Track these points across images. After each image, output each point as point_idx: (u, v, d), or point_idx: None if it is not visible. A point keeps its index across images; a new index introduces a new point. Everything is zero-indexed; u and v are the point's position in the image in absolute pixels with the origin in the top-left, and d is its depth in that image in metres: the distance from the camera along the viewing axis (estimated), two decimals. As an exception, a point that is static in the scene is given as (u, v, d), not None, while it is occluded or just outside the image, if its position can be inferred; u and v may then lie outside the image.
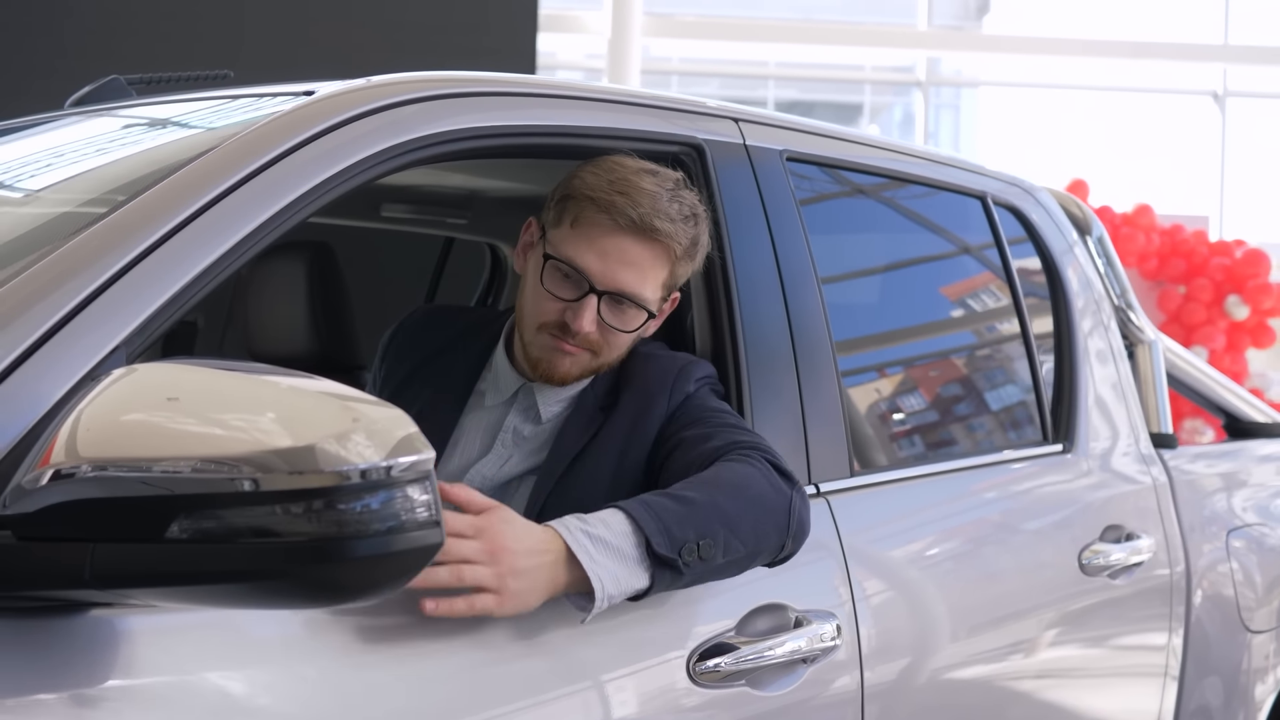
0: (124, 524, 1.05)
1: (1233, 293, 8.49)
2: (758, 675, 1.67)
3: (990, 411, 2.51)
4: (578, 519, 1.47)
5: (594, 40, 10.21)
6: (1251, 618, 2.78)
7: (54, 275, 1.24)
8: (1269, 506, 2.99)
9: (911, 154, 2.40)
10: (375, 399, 1.11)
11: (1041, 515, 2.34)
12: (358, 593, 1.08)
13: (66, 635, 1.14)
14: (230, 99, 1.78)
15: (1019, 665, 2.15)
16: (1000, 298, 2.52)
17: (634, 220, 1.72)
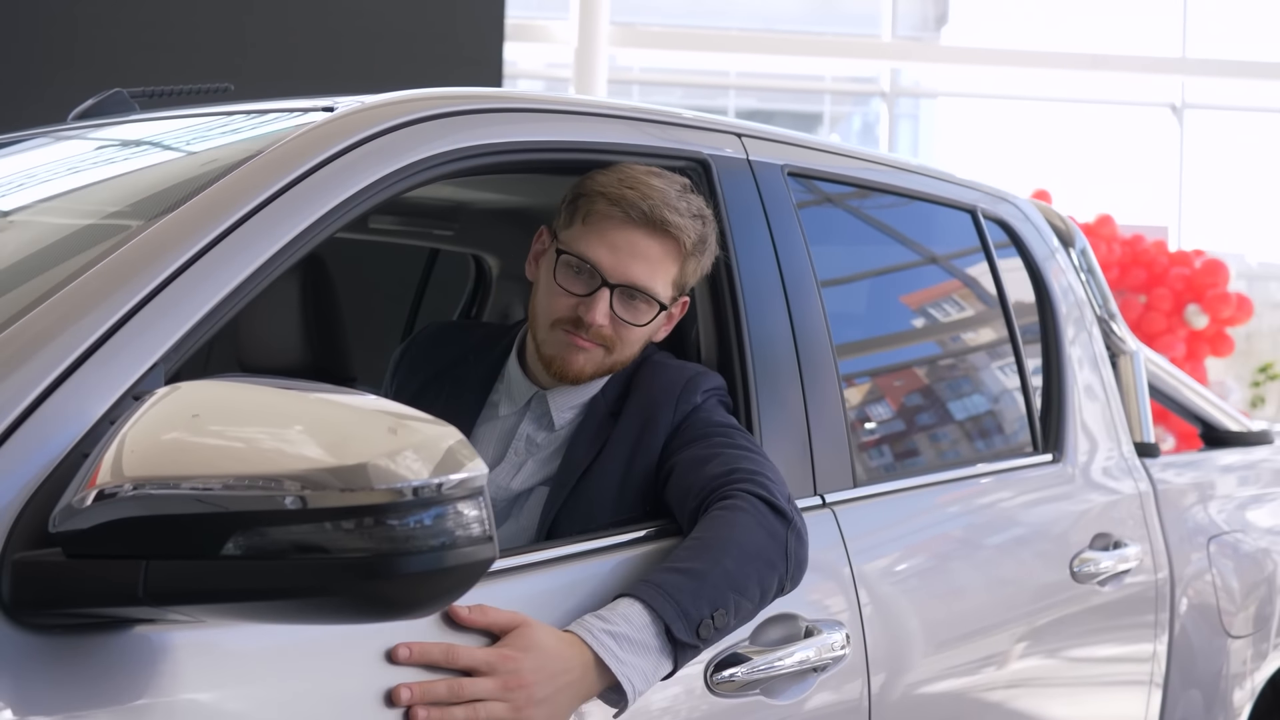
0: (177, 541, 1.06)
1: (1192, 302, 8.60)
2: (771, 684, 1.70)
3: (983, 421, 2.55)
4: (599, 620, 1.48)
5: (560, 50, 10.23)
6: (1232, 623, 2.82)
7: (92, 292, 1.25)
8: (1245, 514, 3.04)
9: (906, 168, 2.43)
10: (426, 415, 1.12)
11: (1035, 524, 2.37)
12: (410, 608, 1.09)
13: (112, 652, 1.15)
14: (245, 114, 1.78)
15: (1017, 670, 2.19)
16: (991, 309, 2.56)
17: (645, 212, 1.76)
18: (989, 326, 2.59)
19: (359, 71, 6.08)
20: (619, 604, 1.50)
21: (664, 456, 1.77)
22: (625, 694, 1.46)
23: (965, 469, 2.35)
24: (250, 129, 1.70)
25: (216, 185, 1.38)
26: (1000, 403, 2.57)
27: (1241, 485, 3.13)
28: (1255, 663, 2.91)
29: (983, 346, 2.60)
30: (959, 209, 2.54)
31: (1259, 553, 2.98)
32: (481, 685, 1.35)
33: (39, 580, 1.10)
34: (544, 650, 1.40)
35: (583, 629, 1.46)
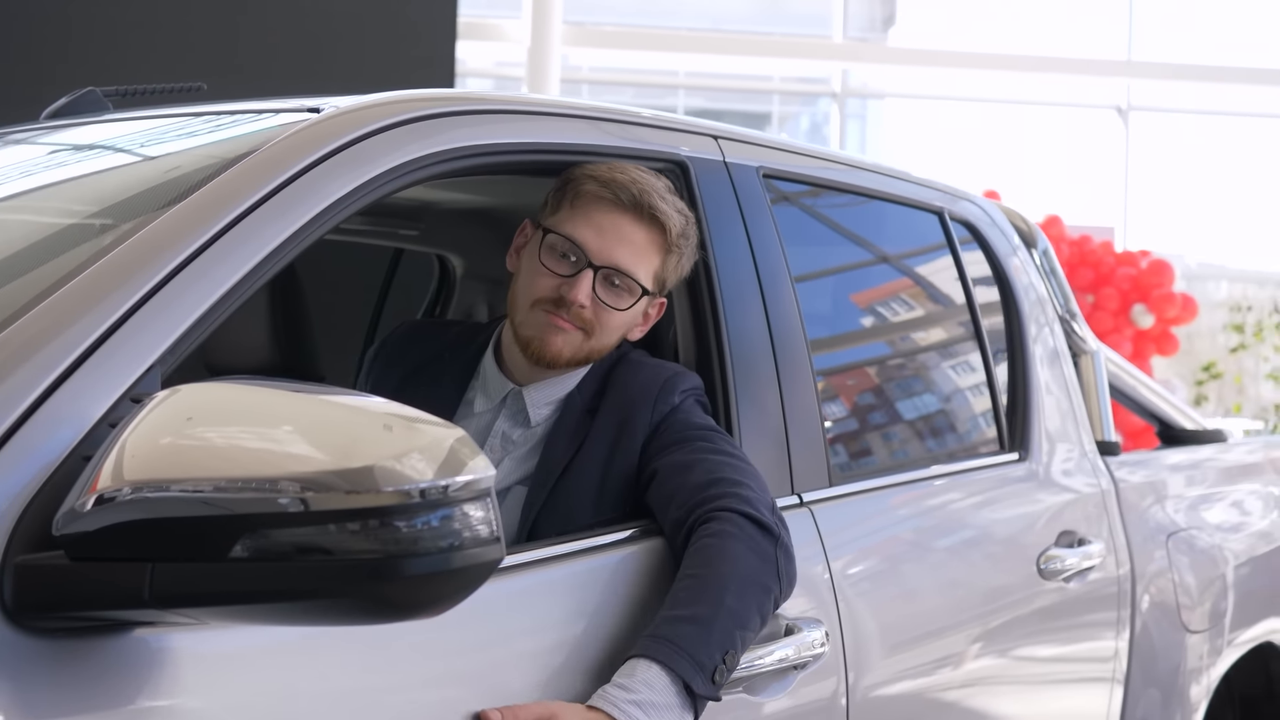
0: (184, 544, 1.06)
1: (1138, 302, 8.71)
2: (753, 682, 1.71)
3: (952, 420, 2.58)
4: (622, 690, 1.50)
5: (512, 49, 10.22)
6: (1190, 618, 2.87)
7: (88, 294, 1.24)
8: (1201, 511, 3.09)
9: (877, 171, 2.46)
10: (432, 417, 1.12)
11: (1004, 522, 2.41)
12: (418, 609, 1.10)
13: (113, 654, 1.14)
14: (229, 114, 1.78)
15: (988, 666, 2.22)
16: (958, 310, 2.59)
17: (633, 196, 1.79)
18: (956, 327, 2.62)
19: (308, 70, 6.04)
20: (636, 669, 1.51)
21: (644, 458, 1.78)
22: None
23: (935, 468, 2.38)
24: (236, 129, 1.70)
25: (209, 186, 1.38)
26: (968, 402, 2.60)
27: (1197, 483, 3.19)
28: (1211, 658, 2.96)
29: (951, 346, 2.63)
30: (927, 210, 2.57)
31: (1213, 549, 3.03)
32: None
33: (41, 583, 1.09)
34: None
35: (608, 704, 1.48)
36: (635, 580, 1.65)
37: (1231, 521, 3.18)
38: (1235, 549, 3.11)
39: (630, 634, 1.59)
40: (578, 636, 1.56)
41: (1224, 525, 3.14)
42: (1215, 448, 3.43)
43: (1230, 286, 12.25)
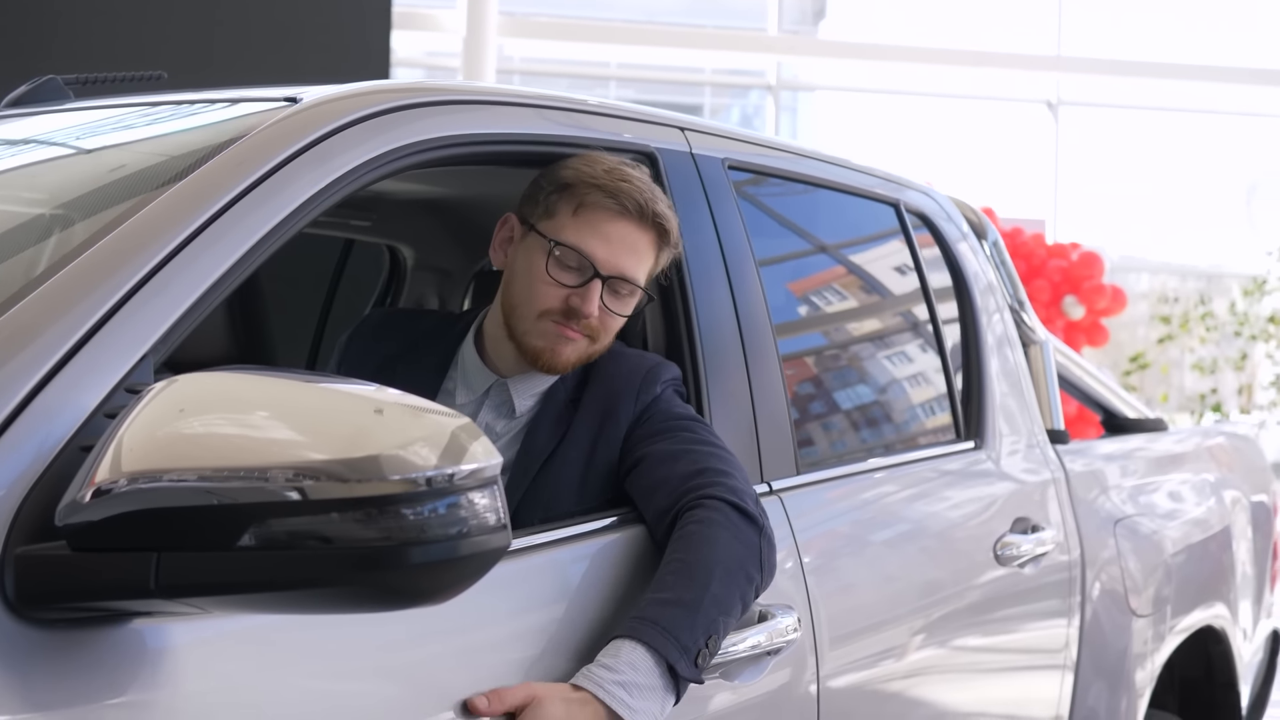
0: (190, 533, 1.06)
1: (1069, 293, 8.84)
2: (730, 668, 1.73)
3: (911, 409, 2.61)
4: (606, 671, 1.51)
5: (448, 39, 10.17)
6: (1136, 603, 2.93)
7: (80, 284, 1.24)
8: (1145, 497, 3.16)
9: (836, 163, 2.48)
10: (439, 406, 1.13)
11: (963, 509, 2.44)
12: (425, 597, 1.10)
13: (115, 645, 1.14)
14: (204, 103, 1.76)
15: (951, 649, 2.26)
16: (914, 300, 2.62)
17: (639, 205, 1.79)
18: (913, 316, 2.65)
19: (242, 59, 5.99)
20: (621, 649, 1.53)
21: (626, 447, 1.79)
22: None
23: (897, 456, 2.41)
24: (211, 118, 1.68)
25: (196, 174, 1.37)
26: (926, 391, 2.63)
27: (1141, 470, 3.25)
28: (1155, 644, 3.02)
29: (908, 336, 2.66)
30: (883, 202, 2.61)
31: (1156, 535, 3.09)
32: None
33: (43, 574, 1.09)
34: (558, 714, 1.45)
35: (592, 683, 1.49)
36: (616, 566, 1.67)
37: (1172, 508, 3.25)
38: (1176, 535, 3.18)
39: (611, 618, 1.61)
40: (559, 620, 1.57)
41: (1167, 512, 3.21)
42: (1159, 436, 3.51)
43: (1151, 279, 12.47)
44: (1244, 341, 10.60)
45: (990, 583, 2.39)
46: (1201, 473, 3.47)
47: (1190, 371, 10.93)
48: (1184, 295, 11.08)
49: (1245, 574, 3.56)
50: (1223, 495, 3.48)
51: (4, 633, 1.08)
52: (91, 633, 1.13)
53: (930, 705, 2.21)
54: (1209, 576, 3.32)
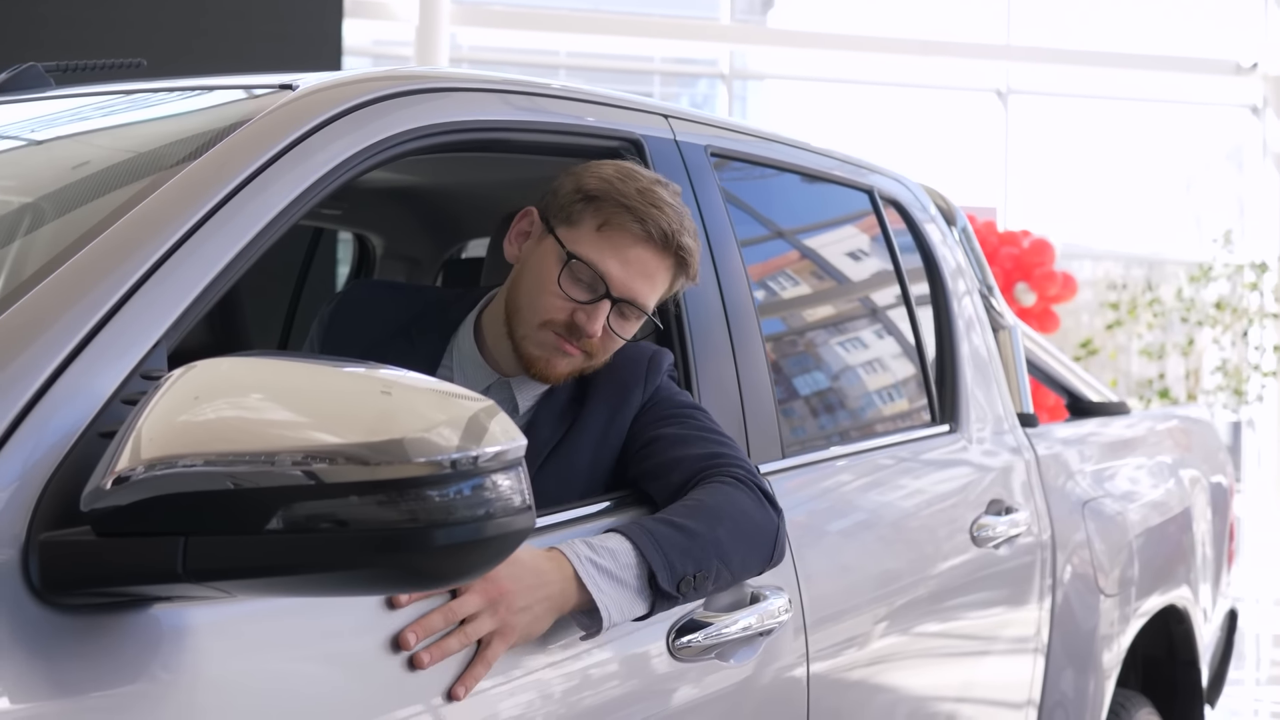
0: (218, 518, 1.06)
1: (1021, 280, 8.93)
2: (725, 648, 1.75)
3: (888, 394, 2.64)
4: (586, 546, 1.52)
5: (401, 28, 10.12)
6: (1104, 582, 2.98)
7: (92, 271, 1.23)
8: (1110, 479, 3.21)
9: (812, 150, 2.51)
10: (462, 390, 1.14)
11: (942, 492, 2.48)
12: (449, 578, 1.11)
13: (139, 629, 1.14)
14: (198, 90, 1.76)
15: (931, 630, 2.29)
16: (889, 285, 2.66)
17: (665, 233, 1.76)
18: (888, 302, 2.68)
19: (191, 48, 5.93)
20: (609, 538, 1.54)
21: (633, 432, 1.80)
22: (600, 619, 1.50)
23: (876, 439, 2.44)
24: (207, 104, 1.68)
25: (202, 160, 1.37)
26: (902, 376, 2.67)
27: (1106, 453, 3.30)
28: (1121, 625, 3.07)
29: (884, 321, 2.69)
30: (858, 189, 2.64)
31: (1120, 516, 3.14)
32: (467, 602, 1.39)
33: (68, 560, 1.09)
34: (520, 562, 1.44)
35: (568, 549, 1.50)
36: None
37: (1135, 490, 3.31)
38: (1139, 516, 3.23)
39: None
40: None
41: (1130, 494, 3.26)
42: (1119, 420, 3.56)
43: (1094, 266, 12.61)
44: (1190, 327, 10.76)
45: (967, 564, 2.43)
46: (1163, 455, 3.53)
47: (1138, 357, 11.08)
48: (1128, 282, 11.23)
49: (1205, 555, 3.63)
50: (1183, 477, 3.55)
51: (30, 618, 1.08)
52: (115, 618, 1.13)
53: (910, 686, 2.25)
54: (1171, 557, 3.38)
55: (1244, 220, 11.90)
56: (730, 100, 11.79)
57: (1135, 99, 12.18)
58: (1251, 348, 10.80)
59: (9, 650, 1.06)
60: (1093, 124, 12.28)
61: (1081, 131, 12.29)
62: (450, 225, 3.36)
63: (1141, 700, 3.28)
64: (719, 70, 12.08)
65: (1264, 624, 7.75)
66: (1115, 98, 12.10)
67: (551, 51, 14.22)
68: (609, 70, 15.40)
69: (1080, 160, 12.31)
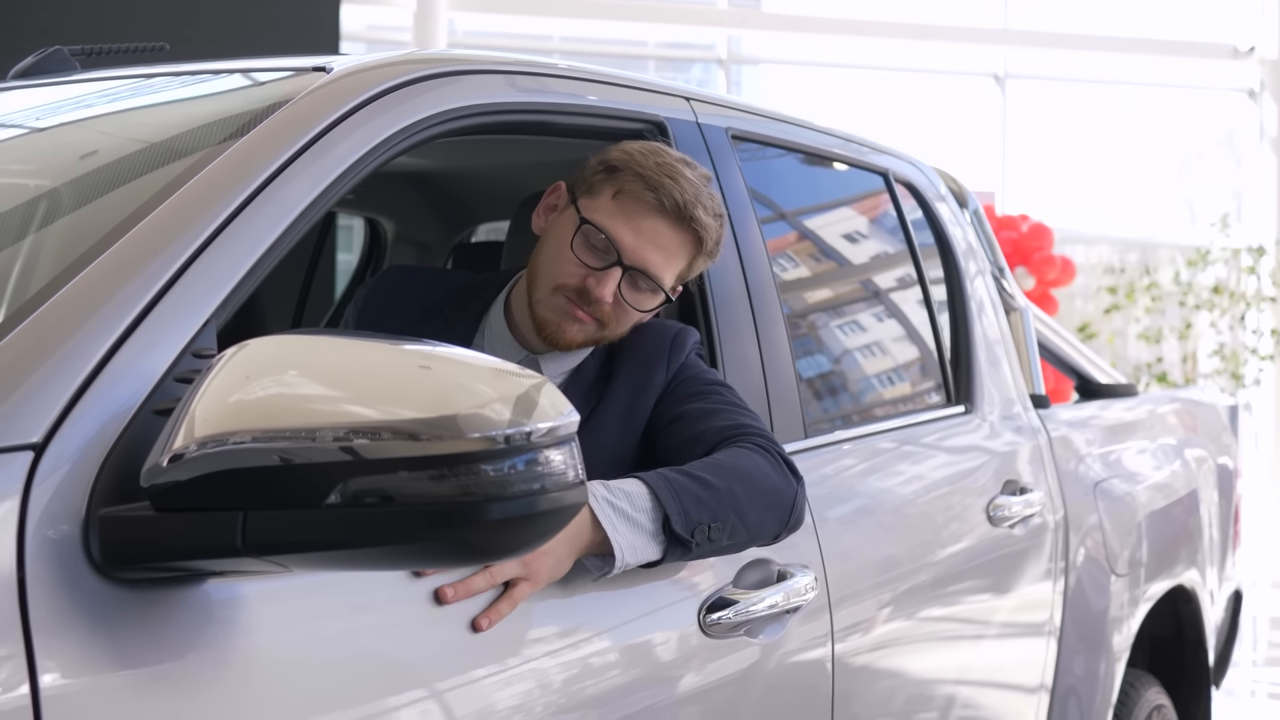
0: (275, 493, 1.08)
1: (1020, 264, 8.94)
2: (753, 625, 1.77)
3: (906, 375, 2.66)
4: (603, 487, 1.54)
5: (398, 13, 10.10)
6: (1115, 563, 3.00)
7: (143, 251, 1.25)
8: (1120, 460, 3.23)
9: (829, 133, 2.52)
10: (515, 366, 1.15)
11: (959, 471, 2.50)
12: (502, 552, 1.13)
13: (196, 603, 1.16)
14: (229, 73, 1.77)
15: (949, 608, 2.31)
16: (904, 267, 2.67)
17: (678, 204, 1.78)
18: (904, 284, 2.70)
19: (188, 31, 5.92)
20: (626, 482, 1.56)
21: (659, 410, 1.82)
22: (614, 558, 1.52)
23: (895, 419, 2.46)
24: (239, 85, 1.69)
25: (245, 140, 1.39)
26: (918, 357, 2.69)
27: (1116, 435, 3.32)
28: (1131, 607, 3.10)
29: (899, 303, 2.71)
30: (873, 171, 2.65)
31: (1130, 497, 3.17)
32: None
33: (128, 535, 1.10)
34: None
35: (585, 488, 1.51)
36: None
37: (1144, 472, 3.33)
38: (1148, 497, 3.25)
39: (658, 574, 1.64)
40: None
41: (1140, 475, 3.28)
42: (1128, 401, 3.58)
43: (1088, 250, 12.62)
44: (1188, 311, 10.78)
45: (985, 543, 2.44)
46: (1169, 436, 3.55)
47: (1135, 341, 11.10)
48: (1125, 267, 11.25)
49: (1211, 536, 3.65)
50: (1189, 459, 3.57)
51: (92, 593, 1.10)
52: (172, 592, 1.15)
53: (932, 668, 2.27)
54: (1179, 538, 3.40)
55: (1240, 204, 11.93)
56: (727, 86, 11.78)
57: (1132, 83, 12.19)
58: (1249, 331, 10.83)
59: (71, 623, 1.08)
60: (1090, 108, 12.28)
61: (1078, 116, 12.29)
62: (461, 210, 3.38)
63: (1150, 680, 3.31)
64: (715, 55, 12.07)
65: (1262, 606, 7.79)
66: (1112, 82, 12.10)
67: (546, 36, 14.20)
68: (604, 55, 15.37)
69: (1075, 145, 12.31)
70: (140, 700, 1.10)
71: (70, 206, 1.44)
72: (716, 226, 1.84)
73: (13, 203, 1.58)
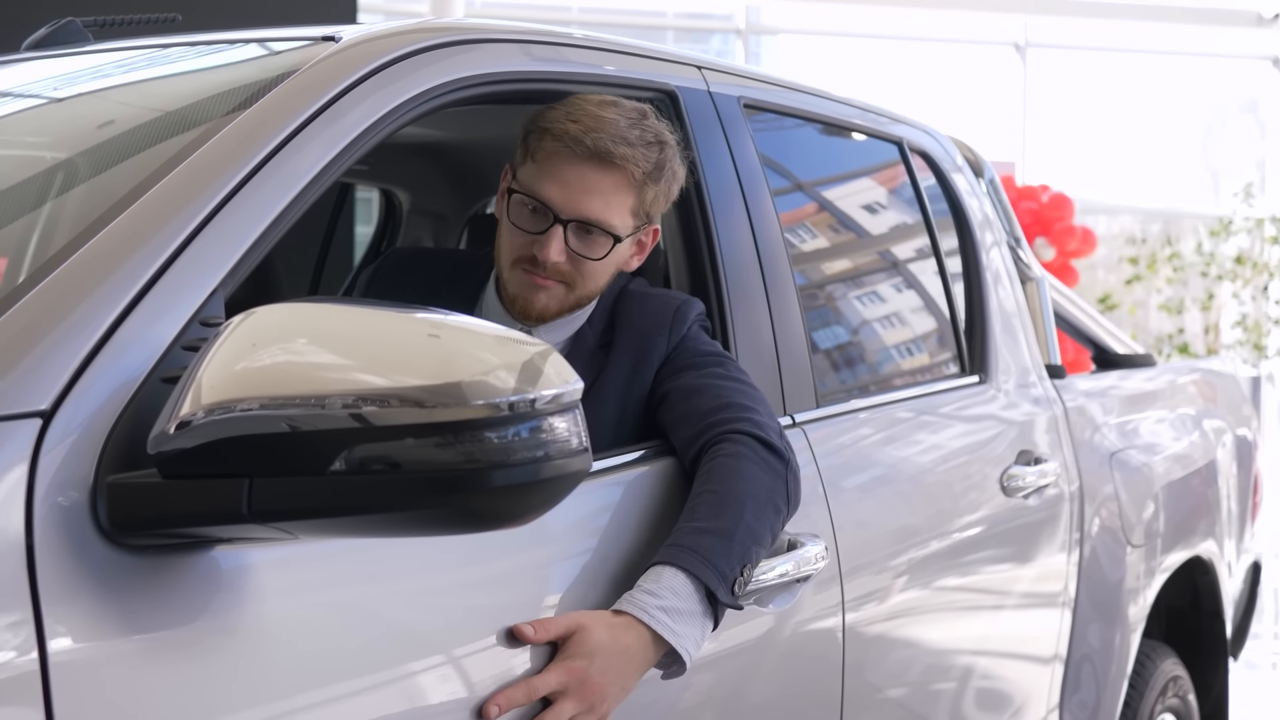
0: (281, 460, 1.08)
1: (1040, 235, 8.91)
2: (764, 594, 1.78)
3: (920, 345, 2.66)
4: (649, 596, 1.54)
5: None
6: (1131, 533, 3.00)
7: (151, 219, 1.25)
8: (1136, 430, 3.22)
9: (843, 102, 2.51)
10: (519, 334, 1.15)
11: (972, 442, 2.50)
12: (509, 519, 1.13)
13: (203, 569, 1.17)
14: (239, 42, 1.77)
15: (962, 577, 2.31)
16: (919, 236, 2.66)
17: (589, 147, 1.75)
18: (918, 253, 2.69)
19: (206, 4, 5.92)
20: (663, 575, 1.56)
21: (656, 382, 1.82)
22: (683, 662, 1.54)
23: (908, 389, 2.46)
24: (249, 56, 1.69)
25: (253, 110, 1.39)
26: (932, 327, 2.68)
27: (1132, 405, 3.31)
28: (1147, 578, 3.09)
29: (913, 272, 2.70)
30: (887, 140, 2.64)
31: (1146, 467, 3.16)
32: (563, 709, 1.43)
33: (136, 502, 1.11)
34: (605, 649, 1.47)
35: (636, 609, 1.52)
36: (651, 495, 1.70)
37: (1161, 442, 3.32)
38: (1165, 468, 3.24)
39: (647, 546, 1.64)
40: (596, 549, 1.60)
41: (1156, 445, 3.27)
42: (1145, 371, 3.57)
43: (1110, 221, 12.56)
44: (1210, 282, 10.73)
45: (999, 514, 2.44)
46: (1187, 407, 3.54)
47: (1157, 312, 11.06)
48: (1146, 237, 11.19)
49: (1230, 507, 3.64)
50: (1208, 429, 3.55)
51: (101, 559, 1.10)
52: (179, 558, 1.16)
53: (945, 637, 2.27)
54: (1196, 509, 3.39)
55: (1264, 174, 11.83)
56: (745, 56, 11.74)
57: (1154, 52, 12.10)
58: (1272, 302, 10.77)
59: (79, 589, 1.09)
60: (1111, 77, 12.20)
61: (1100, 85, 12.22)
62: (476, 181, 3.37)
63: (1166, 651, 3.30)
64: (734, 25, 12.02)
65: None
66: (1134, 50, 12.02)
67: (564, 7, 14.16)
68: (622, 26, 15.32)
69: (1095, 114, 12.24)
70: (148, 666, 1.11)
71: (77, 177, 1.45)
72: (649, 154, 1.79)
73: (24, 173, 1.58)
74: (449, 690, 1.34)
